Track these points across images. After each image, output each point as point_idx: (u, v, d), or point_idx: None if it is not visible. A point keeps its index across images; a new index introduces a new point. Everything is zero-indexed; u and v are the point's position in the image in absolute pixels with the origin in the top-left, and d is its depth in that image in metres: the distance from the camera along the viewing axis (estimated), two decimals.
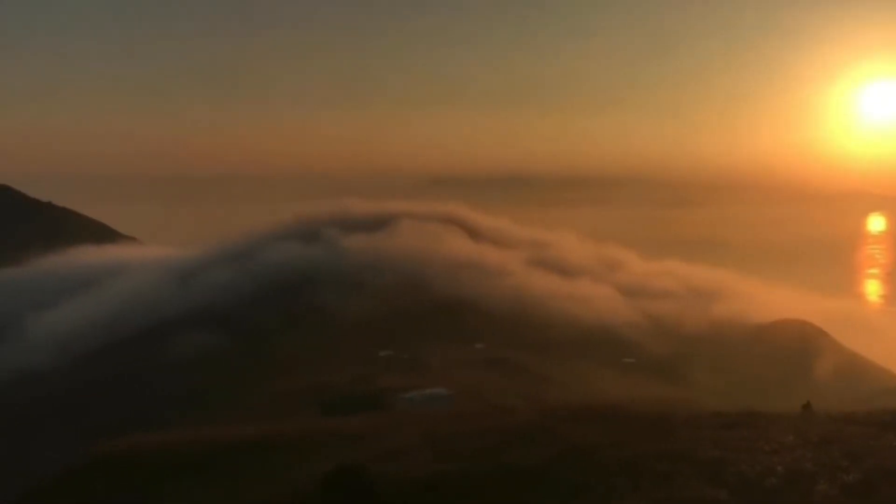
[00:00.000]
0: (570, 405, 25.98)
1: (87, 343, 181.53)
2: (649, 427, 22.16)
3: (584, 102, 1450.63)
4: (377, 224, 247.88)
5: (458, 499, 19.41)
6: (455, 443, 23.53)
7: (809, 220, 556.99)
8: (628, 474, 17.91)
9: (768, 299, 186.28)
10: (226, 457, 26.44)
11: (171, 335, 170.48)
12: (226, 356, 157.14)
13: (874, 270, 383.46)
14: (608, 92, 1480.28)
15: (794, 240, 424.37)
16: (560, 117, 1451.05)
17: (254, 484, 21.80)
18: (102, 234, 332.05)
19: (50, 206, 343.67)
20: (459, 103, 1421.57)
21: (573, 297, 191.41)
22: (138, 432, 34.52)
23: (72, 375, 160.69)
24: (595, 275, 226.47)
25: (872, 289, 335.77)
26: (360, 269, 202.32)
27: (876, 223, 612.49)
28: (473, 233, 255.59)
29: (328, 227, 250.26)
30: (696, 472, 17.83)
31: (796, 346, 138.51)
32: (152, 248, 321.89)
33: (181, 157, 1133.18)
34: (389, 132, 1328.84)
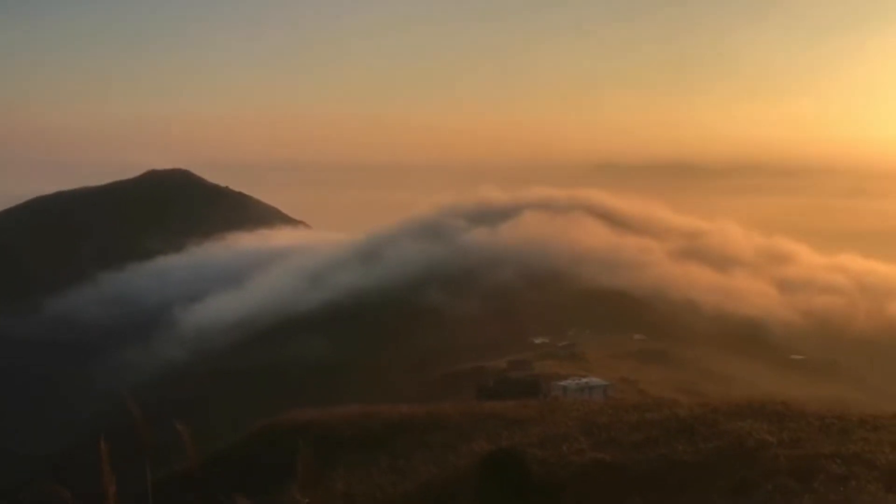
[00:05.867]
0: (734, 400, 25.07)
1: (225, 338, 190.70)
2: (822, 427, 21.04)
3: (756, 86, 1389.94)
4: (505, 214, 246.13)
5: (616, 488, 19.13)
6: (612, 432, 23.24)
7: None
8: (799, 474, 17.08)
9: None
10: (385, 434, 27.19)
11: (303, 330, 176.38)
12: (369, 347, 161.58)
13: None
14: (783, 76, 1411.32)
15: None
16: (733, 101, 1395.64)
17: (414, 462, 22.32)
18: (275, 217, 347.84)
19: (227, 190, 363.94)
20: (624, 86, 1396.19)
21: (724, 290, 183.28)
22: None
23: (211, 367, 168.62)
24: (754, 267, 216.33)
25: None
26: (480, 262, 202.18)
27: None
28: (613, 221, 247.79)
29: (456, 219, 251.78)
30: (874, 476, 16.76)
31: None
32: (315, 232, 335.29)
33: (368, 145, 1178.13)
34: (554, 118, 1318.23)
